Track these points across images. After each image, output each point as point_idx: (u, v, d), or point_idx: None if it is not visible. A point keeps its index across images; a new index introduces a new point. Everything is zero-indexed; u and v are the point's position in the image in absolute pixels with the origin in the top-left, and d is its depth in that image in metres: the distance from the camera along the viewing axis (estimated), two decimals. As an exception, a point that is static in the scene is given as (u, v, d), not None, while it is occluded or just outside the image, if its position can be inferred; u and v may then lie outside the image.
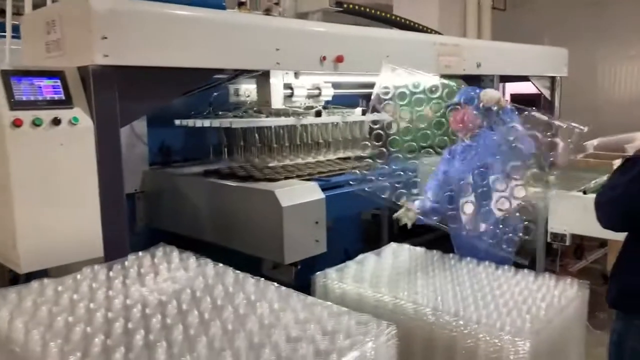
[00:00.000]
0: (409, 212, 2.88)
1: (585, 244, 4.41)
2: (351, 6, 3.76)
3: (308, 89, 3.47)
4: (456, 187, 2.91)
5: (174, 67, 2.39)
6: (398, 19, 4.28)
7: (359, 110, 3.94)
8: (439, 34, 4.48)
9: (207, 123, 3.29)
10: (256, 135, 3.39)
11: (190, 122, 3.37)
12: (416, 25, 4.35)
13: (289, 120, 3.40)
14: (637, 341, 2.09)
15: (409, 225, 2.91)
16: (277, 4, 3.45)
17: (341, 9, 3.72)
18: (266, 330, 1.48)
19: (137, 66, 2.27)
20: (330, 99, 3.73)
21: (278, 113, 3.41)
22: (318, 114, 3.53)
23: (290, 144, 3.53)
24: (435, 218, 2.89)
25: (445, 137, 3.01)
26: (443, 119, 2.96)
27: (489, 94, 2.88)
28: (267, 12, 3.06)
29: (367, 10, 4.01)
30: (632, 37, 7.24)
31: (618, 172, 2.12)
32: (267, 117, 3.37)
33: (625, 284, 2.16)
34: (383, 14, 4.17)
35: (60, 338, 1.42)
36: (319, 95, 3.57)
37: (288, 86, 3.30)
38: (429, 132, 2.84)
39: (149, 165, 3.37)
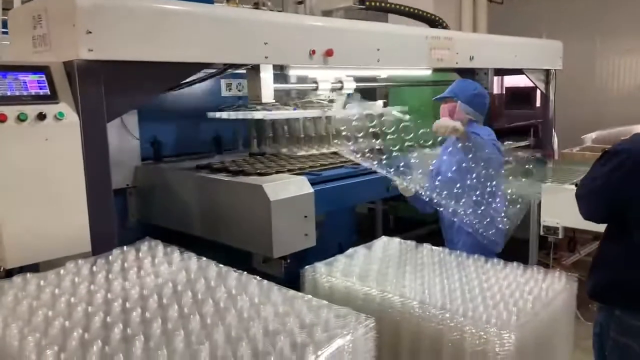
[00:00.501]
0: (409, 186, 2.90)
1: (578, 237, 4.40)
2: (373, 3, 3.88)
3: (332, 83, 3.66)
4: (440, 182, 2.91)
5: (161, 61, 2.38)
6: (424, 14, 4.32)
7: (380, 102, 4.13)
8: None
9: (240, 115, 3.52)
10: (285, 127, 3.68)
11: (224, 115, 3.58)
12: (441, 21, 4.39)
13: (315, 112, 3.66)
14: (618, 332, 2.09)
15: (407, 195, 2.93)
16: (301, 2, 3.61)
17: (364, 7, 3.85)
18: (245, 323, 1.48)
19: (123, 61, 2.26)
20: (351, 92, 3.84)
21: (304, 106, 3.69)
22: (344, 106, 3.75)
23: (315, 134, 3.77)
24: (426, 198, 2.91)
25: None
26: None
27: (440, 124, 2.78)
28: (256, 5, 3.04)
29: (390, 5, 4.10)
30: (630, 30, 7.20)
31: (597, 164, 2.12)
32: (294, 109, 3.61)
33: (604, 276, 2.16)
34: (406, 9, 4.23)
35: (39, 332, 1.42)
36: (341, 88, 3.74)
37: (313, 80, 3.56)
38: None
39: (141, 160, 3.37)
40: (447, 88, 3.30)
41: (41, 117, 2.11)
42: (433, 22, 4.31)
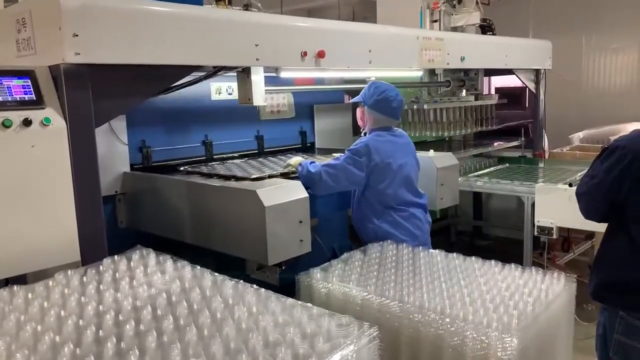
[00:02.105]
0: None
1: (572, 237, 4.41)
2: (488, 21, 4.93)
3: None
4: None
5: (149, 64, 2.33)
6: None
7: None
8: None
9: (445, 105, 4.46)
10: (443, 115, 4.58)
11: (438, 105, 4.42)
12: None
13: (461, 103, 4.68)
14: (623, 333, 2.07)
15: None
16: (435, 21, 4.36)
17: (485, 24, 4.85)
18: (243, 334, 1.43)
19: (111, 64, 2.21)
20: None
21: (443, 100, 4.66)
22: (476, 97, 4.74)
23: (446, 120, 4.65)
24: None
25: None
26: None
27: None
28: (246, 7, 2.99)
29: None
30: (616, 30, 7.25)
31: (597, 161, 2.10)
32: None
33: (605, 276, 2.14)
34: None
35: (27, 348, 1.36)
36: (464, 84, 4.81)
37: (447, 79, 4.70)
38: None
39: (129, 166, 3.29)
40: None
41: (27, 123, 2.05)
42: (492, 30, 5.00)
